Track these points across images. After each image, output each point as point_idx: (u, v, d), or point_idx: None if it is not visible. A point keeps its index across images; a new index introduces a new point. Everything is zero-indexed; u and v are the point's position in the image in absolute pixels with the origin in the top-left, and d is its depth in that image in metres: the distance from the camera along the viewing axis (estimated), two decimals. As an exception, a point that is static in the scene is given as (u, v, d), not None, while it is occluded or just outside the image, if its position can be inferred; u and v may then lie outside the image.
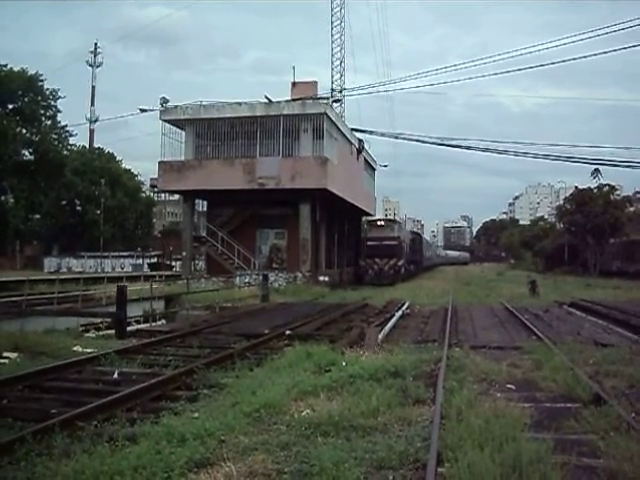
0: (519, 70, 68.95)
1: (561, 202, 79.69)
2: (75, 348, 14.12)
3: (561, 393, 9.10)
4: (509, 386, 9.77)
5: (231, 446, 6.55)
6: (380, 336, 14.96)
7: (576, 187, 69.56)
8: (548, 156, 42.54)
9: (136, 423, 7.56)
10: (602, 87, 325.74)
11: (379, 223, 52.77)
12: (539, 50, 38.23)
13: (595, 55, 36.07)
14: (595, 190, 63.26)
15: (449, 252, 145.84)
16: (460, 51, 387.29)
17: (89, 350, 13.66)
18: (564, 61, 38.77)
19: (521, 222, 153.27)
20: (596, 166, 50.86)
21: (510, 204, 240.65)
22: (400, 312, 21.68)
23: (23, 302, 23.55)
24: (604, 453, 6.25)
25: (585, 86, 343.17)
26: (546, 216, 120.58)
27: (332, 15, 58.50)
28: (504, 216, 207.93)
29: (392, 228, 51.69)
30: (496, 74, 59.71)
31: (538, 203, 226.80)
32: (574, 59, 38.44)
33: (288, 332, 16.12)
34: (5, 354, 12.90)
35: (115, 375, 10.92)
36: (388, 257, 48.30)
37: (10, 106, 71.96)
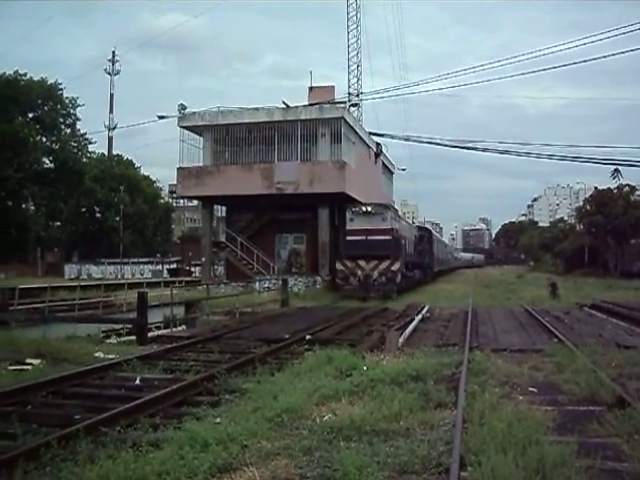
0: (537, 72, 68.44)
1: (580, 203, 79.26)
2: (97, 354, 14.20)
3: (584, 396, 9.05)
4: (531, 389, 9.73)
5: (254, 451, 6.57)
6: (401, 340, 14.97)
7: (596, 188, 69.05)
8: (577, 158, 41.70)
9: (159, 429, 7.59)
10: (620, 86, 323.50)
11: (364, 209, 35.60)
12: (555, 51, 37.92)
13: (612, 55, 35.67)
14: (615, 191, 62.76)
15: (462, 254, 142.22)
16: (478, 53, 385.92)
17: (111, 356, 13.74)
18: (575, 63, 38.38)
19: (540, 224, 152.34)
20: (615, 166, 50.43)
21: (529, 206, 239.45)
22: (420, 316, 21.65)
23: (45, 309, 23.78)
24: (629, 456, 6.22)
25: (603, 86, 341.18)
26: (565, 218, 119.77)
27: (348, 19, 58.61)
28: (523, 218, 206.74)
29: (384, 217, 35.65)
30: (513, 76, 59.41)
31: (557, 205, 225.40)
32: (580, 62, 38.01)
33: (308, 337, 16.13)
34: (28, 360, 13.01)
35: (137, 381, 10.97)
36: (378, 259, 34.24)
37: (30, 115, 72.71)
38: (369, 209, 35.22)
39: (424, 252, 50.12)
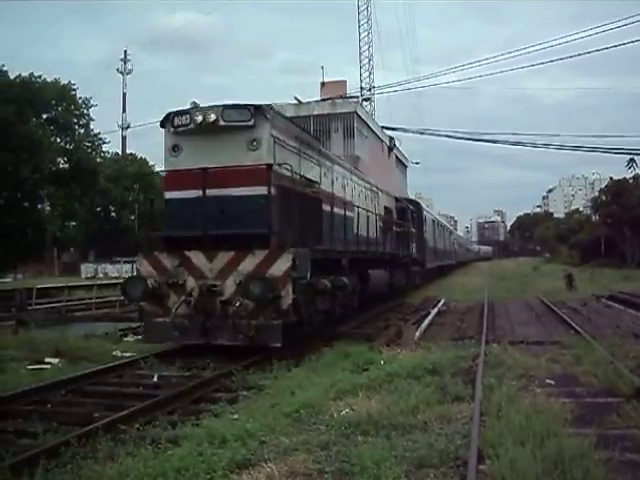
0: (548, 62, 68.10)
1: (596, 194, 78.81)
2: (114, 352, 14.24)
3: (602, 388, 9.01)
4: (549, 381, 9.69)
5: (272, 447, 6.59)
6: (417, 333, 14.96)
7: (611, 178, 68.67)
8: (595, 149, 41.00)
9: (177, 425, 7.63)
10: (633, 75, 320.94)
11: (199, 118, 13.01)
12: (567, 41, 37.72)
13: (623, 45, 35.35)
14: (631, 181, 62.32)
15: (474, 246, 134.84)
16: (490, 45, 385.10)
17: (128, 354, 13.78)
18: (581, 54, 38.01)
19: (555, 215, 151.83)
20: (631, 156, 49.97)
21: (544, 197, 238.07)
22: (436, 309, 21.61)
23: (62, 308, 23.94)
24: (648, 448, 6.18)
25: (616, 75, 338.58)
26: (581, 208, 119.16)
27: (359, 13, 58.33)
28: (538, 210, 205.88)
29: (253, 137, 13.02)
30: (524, 67, 59.13)
31: (572, 196, 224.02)
32: (589, 51, 37.42)
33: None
34: (47, 359, 13.08)
35: (155, 378, 11.03)
36: (236, 247, 12.60)
37: (44, 116, 73.08)
38: (211, 117, 13.13)
39: (405, 238, 28.65)
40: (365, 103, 51.51)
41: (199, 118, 13.07)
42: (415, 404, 7.99)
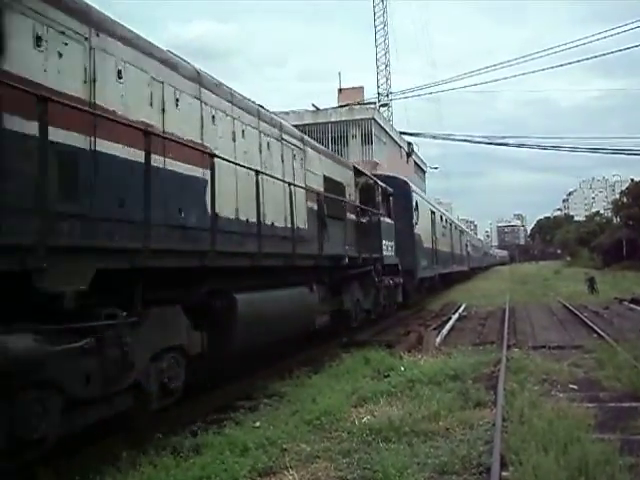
0: (569, 64, 67.60)
1: (617, 196, 78.25)
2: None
3: (625, 392, 8.91)
4: (571, 386, 9.61)
5: (293, 454, 6.59)
6: (438, 339, 14.91)
7: (632, 180, 68.22)
8: (618, 151, 40.17)
9: (199, 434, 7.63)
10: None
11: None
12: (585, 43, 37.41)
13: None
14: (652, 182, 61.90)
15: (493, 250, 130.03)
16: (508, 47, 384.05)
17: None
18: (604, 54, 37.64)
19: (576, 218, 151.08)
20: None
21: (564, 200, 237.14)
22: (457, 315, 21.53)
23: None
24: (673, 453, 6.10)
25: (636, 75, 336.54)
26: (602, 211, 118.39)
27: (375, 19, 58.45)
28: (558, 213, 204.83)
29: None
30: (543, 70, 58.80)
31: (593, 198, 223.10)
32: (605, 53, 37.15)
33: (345, 339, 16.10)
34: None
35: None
36: None
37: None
38: None
39: (372, 233, 17.31)
40: (383, 109, 51.56)
41: None
42: (437, 410, 7.95)
